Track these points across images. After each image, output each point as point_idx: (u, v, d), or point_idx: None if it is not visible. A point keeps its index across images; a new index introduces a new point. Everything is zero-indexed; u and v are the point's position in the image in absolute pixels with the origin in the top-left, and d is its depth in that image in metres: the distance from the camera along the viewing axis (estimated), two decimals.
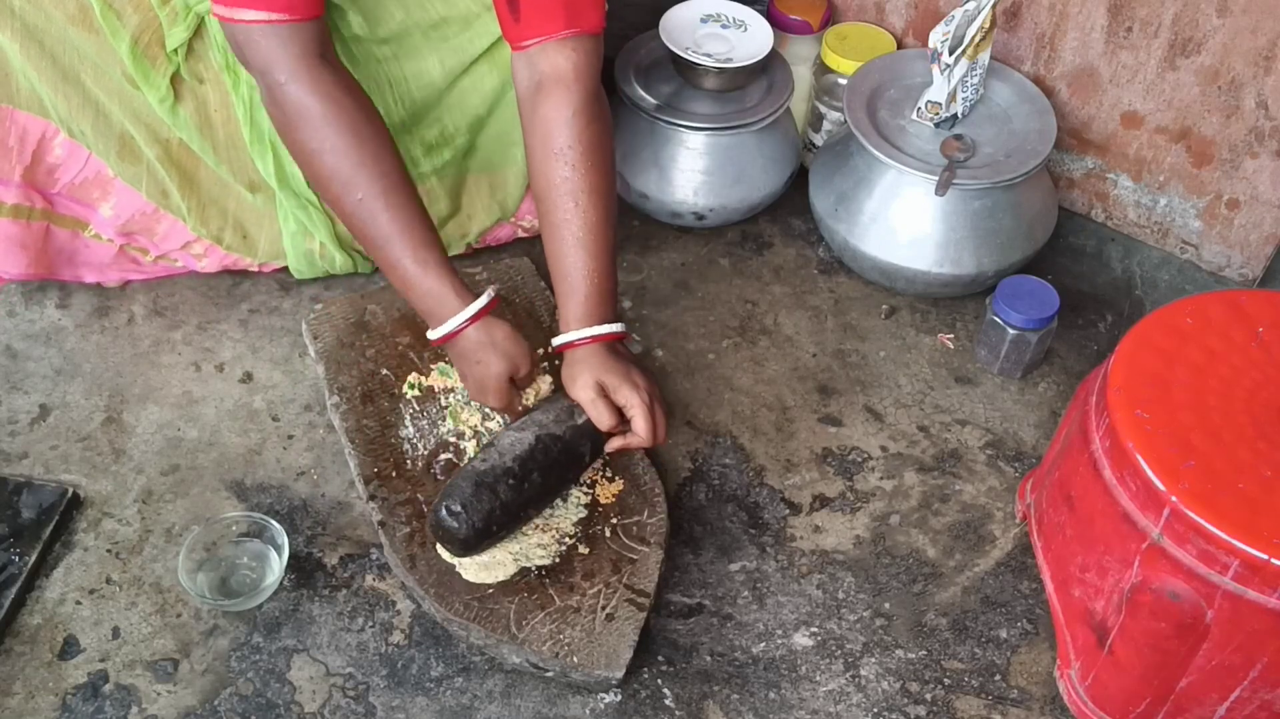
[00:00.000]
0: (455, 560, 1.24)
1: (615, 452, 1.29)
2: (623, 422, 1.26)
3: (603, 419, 1.24)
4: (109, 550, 1.32)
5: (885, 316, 1.61)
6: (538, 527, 1.28)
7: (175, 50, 1.36)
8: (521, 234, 1.64)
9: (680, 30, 1.66)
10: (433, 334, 1.26)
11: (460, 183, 1.57)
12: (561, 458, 1.25)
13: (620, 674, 1.18)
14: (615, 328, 1.28)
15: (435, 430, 1.37)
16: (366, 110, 1.23)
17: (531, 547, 1.26)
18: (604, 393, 1.24)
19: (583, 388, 1.25)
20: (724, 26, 1.68)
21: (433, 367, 1.43)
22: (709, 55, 1.62)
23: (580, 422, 1.26)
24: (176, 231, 1.50)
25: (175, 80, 1.38)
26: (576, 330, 1.26)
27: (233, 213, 1.50)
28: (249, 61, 1.20)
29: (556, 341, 1.27)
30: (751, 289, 1.64)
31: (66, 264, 1.51)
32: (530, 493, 1.23)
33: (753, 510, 1.39)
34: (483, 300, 1.25)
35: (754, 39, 1.66)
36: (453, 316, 1.24)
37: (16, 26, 1.31)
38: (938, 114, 1.56)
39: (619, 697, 1.22)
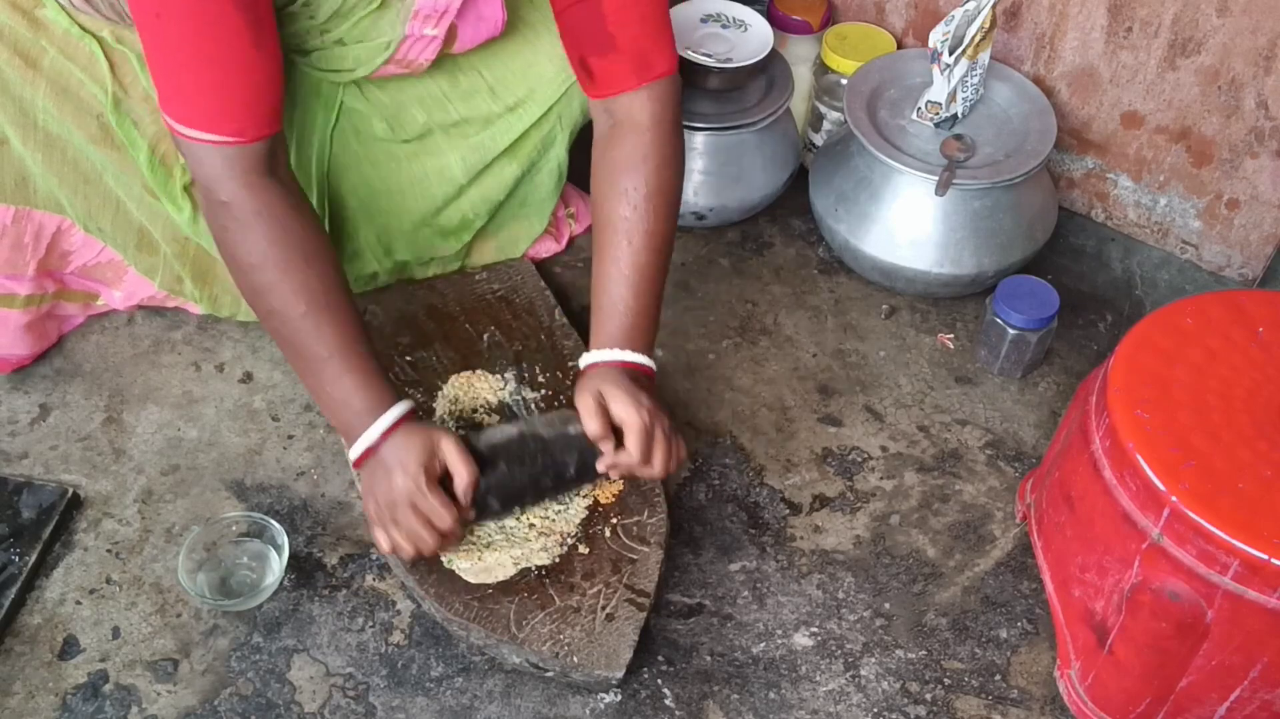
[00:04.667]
0: (455, 566, 1.24)
1: (607, 471, 1.22)
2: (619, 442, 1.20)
3: (591, 425, 1.17)
4: (109, 550, 1.32)
5: (885, 316, 1.61)
6: (540, 531, 1.28)
7: None
8: None
9: (680, 30, 1.65)
10: (353, 453, 1.17)
11: (470, 246, 1.58)
12: (539, 458, 1.21)
13: (620, 674, 1.18)
14: (643, 359, 1.23)
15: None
16: (311, 226, 1.20)
17: (534, 551, 1.26)
18: (603, 403, 1.18)
19: (583, 395, 1.19)
20: (724, 26, 1.68)
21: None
22: (709, 55, 1.62)
23: (572, 431, 1.21)
24: (188, 307, 1.51)
25: (193, 187, 1.36)
26: (600, 352, 1.22)
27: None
28: (194, 174, 1.17)
29: (582, 362, 1.24)
30: (751, 289, 1.64)
31: (69, 323, 1.52)
32: (492, 480, 1.19)
33: (753, 510, 1.39)
34: (395, 413, 1.16)
35: (754, 39, 1.66)
36: (369, 429, 1.16)
37: (39, 138, 1.31)
38: (938, 114, 1.56)
39: (619, 697, 1.22)
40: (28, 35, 1.27)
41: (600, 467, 1.21)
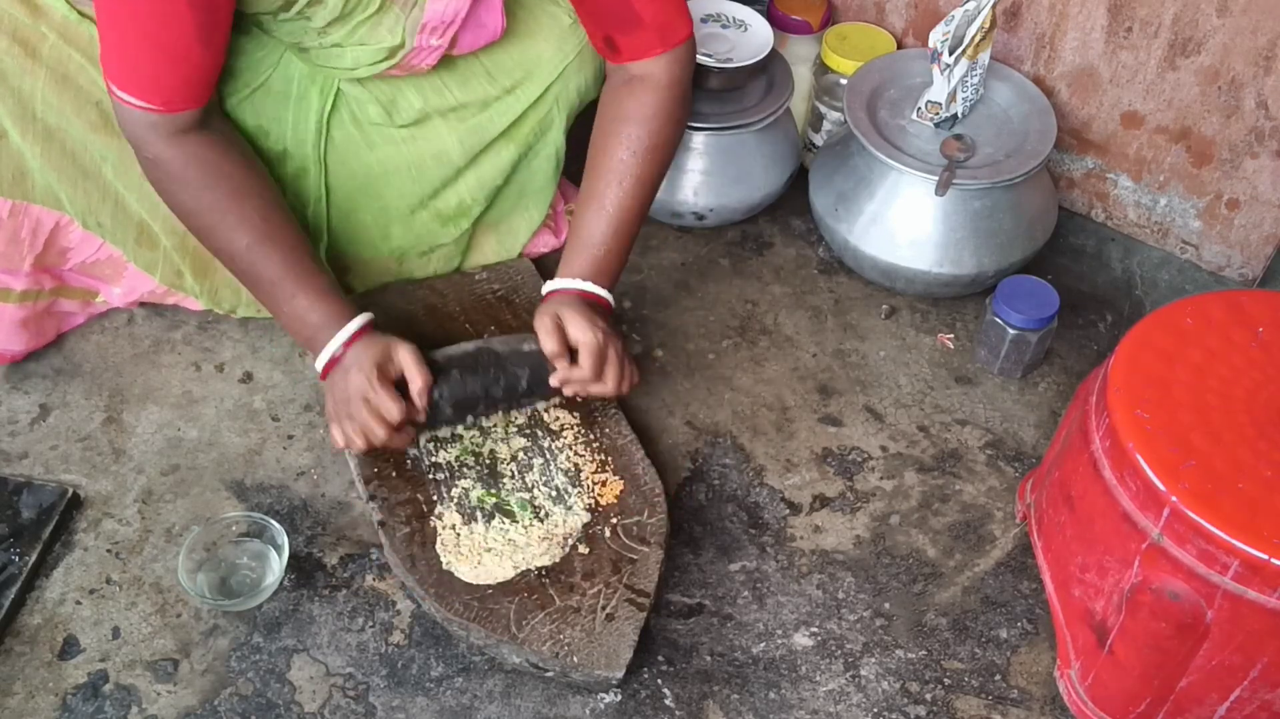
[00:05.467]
0: (454, 569, 1.24)
1: (560, 387, 1.29)
2: (574, 360, 1.28)
3: (548, 343, 1.26)
4: (109, 550, 1.32)
5: (885, 316, 1.61)
6: (542, 536, 1.28)
7: None
8: None
9: None
10: (318, 363, 1.28)
11: (470, 238, 1.58)
12: (491, 369, 1.29)
13: (620, 674, 1.18)
14: (604, 293, 1.32)
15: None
16: (242, 164, 1.28)
17: (535, 555, 1.26)
18: (560, 324, 1.26)
19: (541, 316, 1.28)
20: (724, 26, 1.68)
21: None
22: (709, 55, 1.62)
23: (526, 348, 1.29)
24: (188, 303, 1.51)
25: None
26: (564, 280, 1.31)
27: (245, 291, 1.47)
28: (122, 127, 1.23)
29: (545, 288, 1.32)
30: (751, 289, 1.64)
31: (69, 321, 1.52)
32: (445, 386, 1.27)
33: (753, 510, 1.39)
34: (356, 323, 1.26)
35: (754, 39, 1.66)
36: (331, 340, 1.26)
37: (38, 130, 1.31)
38: (938, 114, 1.56)
39: (619, 697, 1.22)
40: (27, 22, 1.27)
41: (553, 381, 1.29)
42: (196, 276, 1.46)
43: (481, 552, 1.25)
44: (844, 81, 1.66)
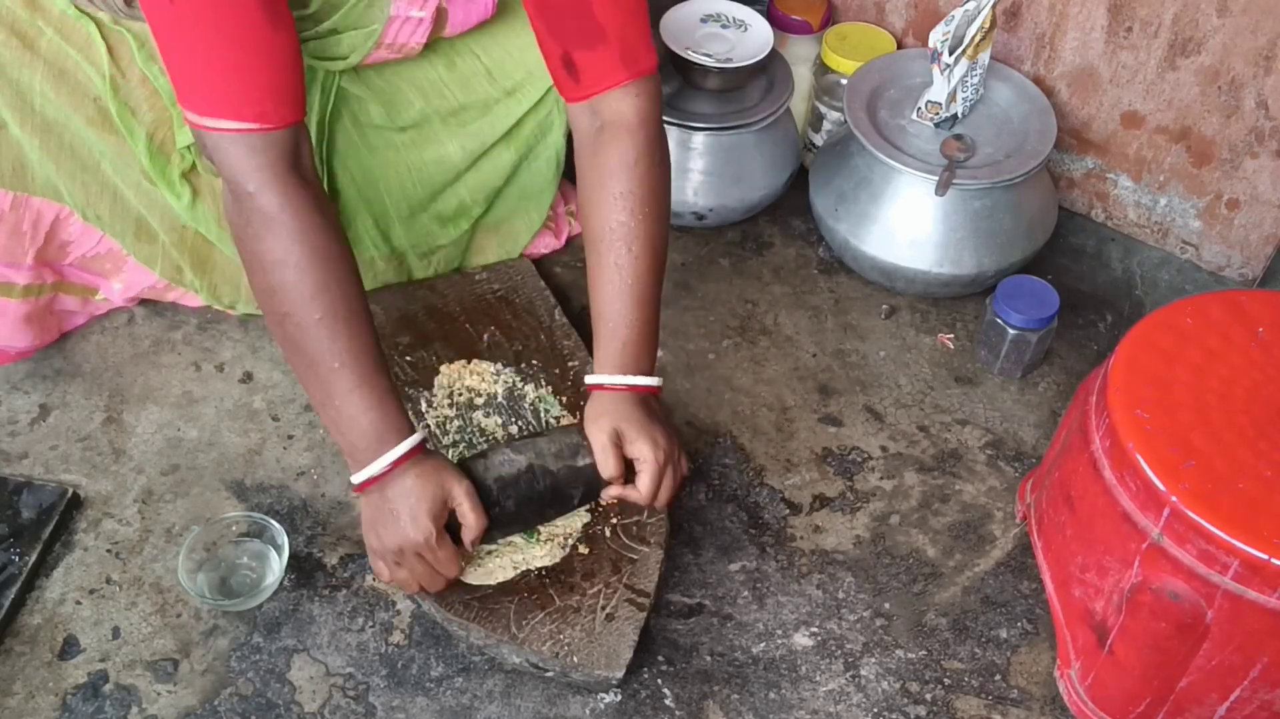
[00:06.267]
0: None
1: (609, 500, 1.24)
2: (630, 475, 1.19)
3: (608, 467, 1.17)
4: (109, 550, 1.32)
5: (885, 317, 1.61)
6: (543, 539, 1.27)
7: (188, 146, 1.34)
8: None
9: (680, 30, 1.65)
10: (356, 478, 1.15)
11: (470, 241, 1.58)
12: (545, 494, 1.20)
13: (620, 674, 1.18)
14: (651, 381, 1.21)
15: (435, 431, 1.37)
16: (335, 230, 1.15)
17: (536, 556, 1.26)
18: (619, 441, 1.18)
19: (599, 430, 1.18)
20: (724, 26, 1.68)
21: (440, 368, 1.44)
22: (709, 55, 1.62)
23: (581, 464, 1.19)
24: (188, 299, 1.51)
25: (191, 173, 1.36)
26: (610, 375, 1.20)
27: (245, 288, 1.48)
28: (218, 167, 1.12)
29: (589, 380, 1.21)
30: (751, 289, 1.64)
31: (70, 320, 1.52)
32: (499, 519, 1.19)
33: (753, 510, 1.39)
34: (409, 443, 1.14)
35: (754, 39, 1.66)
36: (378, 458, 1.13)
37: (37, 123, 1.30)
38: (938, 114, 1.56)
39: (619, 697, 1.22)
40: (25, 16, 1.27)
41: (605, 498, 1.22)
42: (195, 271, 1.46)
43: (482, 554, 1.25)
44: (844, 81, 1.66)
